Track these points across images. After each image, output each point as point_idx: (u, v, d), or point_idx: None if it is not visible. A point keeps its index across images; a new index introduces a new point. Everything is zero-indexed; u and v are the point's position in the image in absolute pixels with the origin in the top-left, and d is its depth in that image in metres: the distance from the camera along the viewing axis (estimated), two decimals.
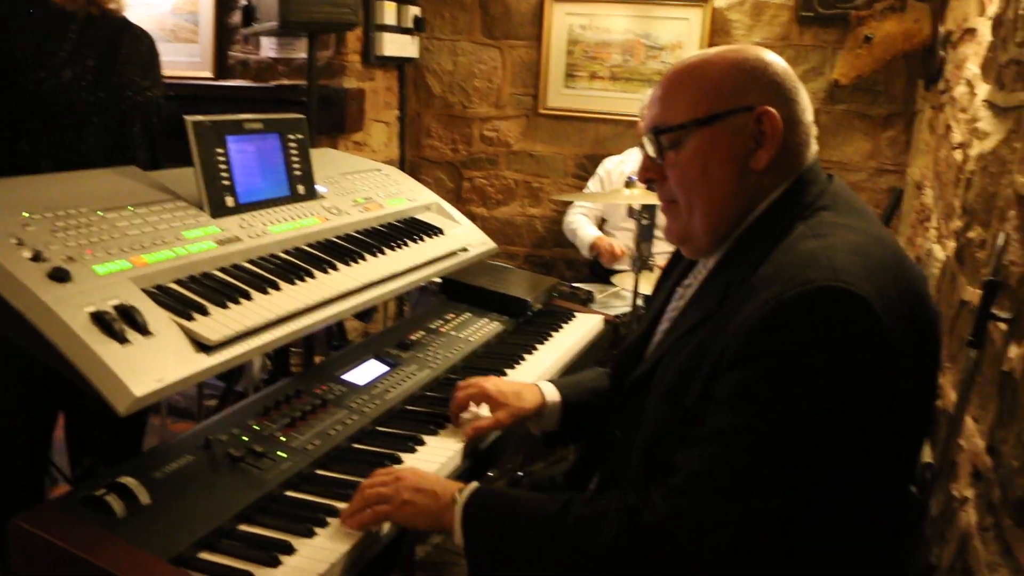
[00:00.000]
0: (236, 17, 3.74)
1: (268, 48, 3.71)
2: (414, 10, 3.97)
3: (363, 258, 1.79)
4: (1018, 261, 1.59)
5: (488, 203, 4.30)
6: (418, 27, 4.01)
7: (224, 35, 3.77)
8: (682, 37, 3.87)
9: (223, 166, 1.67)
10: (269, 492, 1.29)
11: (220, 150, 1.66)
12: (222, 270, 1.51)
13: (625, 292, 3.32)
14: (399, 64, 4.12)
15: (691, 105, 1.26)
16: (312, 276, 1.62)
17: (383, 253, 1.88)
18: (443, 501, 1.26)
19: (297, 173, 1.88)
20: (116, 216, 1.45)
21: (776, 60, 1.28)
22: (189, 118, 1.61)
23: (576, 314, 2.43)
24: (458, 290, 2.32)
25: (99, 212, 1.43)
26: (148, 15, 3.82)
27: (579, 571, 1.15)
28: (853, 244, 1.16)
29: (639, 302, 2.89)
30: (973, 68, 2.31)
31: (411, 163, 4.27)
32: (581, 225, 3.85)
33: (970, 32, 2.53)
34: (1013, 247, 1.60)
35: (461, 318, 2.16)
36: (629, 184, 2.77)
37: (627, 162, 3.79)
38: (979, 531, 1.54)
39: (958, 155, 2.32)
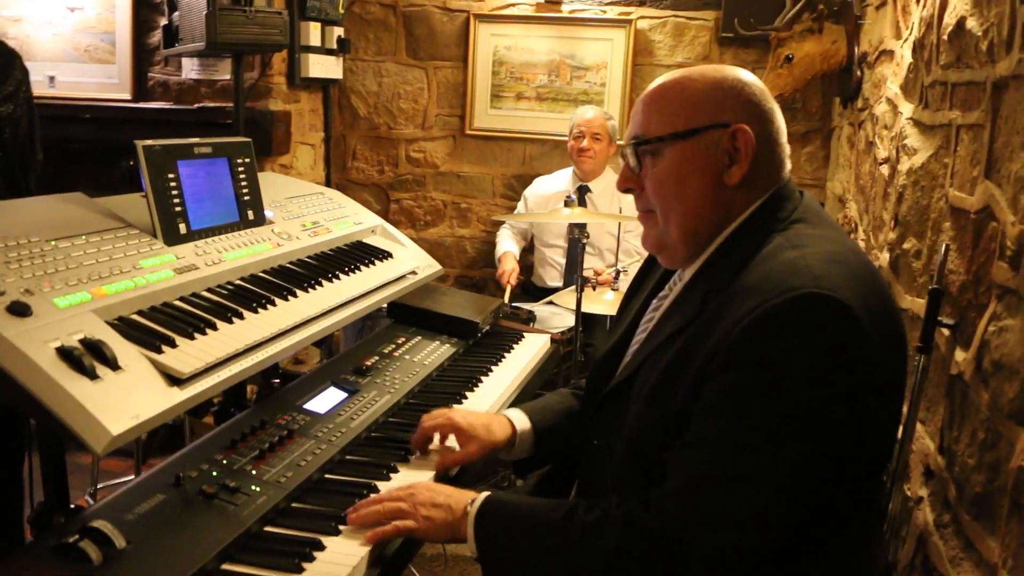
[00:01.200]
0: (155, 37, 3.64)
1: (190, 69, 3.62)
2: (338, 31, 3.93)
3: (320, 284, 1.76)
4: (956, 270, 1.68)
5: (416, 224, 4.28)
6: (342, 48, 3.98)
7: (142, 56, 3.66)
8: (606, 57, 3.95)
9: (175, 192, 1.61)
10: (248, 529, 1.25)
11: (171, 175, 1.61)
12: (183, 299, 1.46)
13: (559, 310, 3.35)
14: (324, 85, 4.07)
15: (670, 119, 1.31)
16: (273, 304, 1.58)
17: (338, 279, 1.85)
18: (457, 513, 1.29)
19: (246, 198, 1.83)
20: (69, 246, 1.38)
21: (754, 81, 1.33)
22: (140, 143, 1.55)
23: (524, 334, 2.44)
24: (405, 313, 2.29)
25: (52, 241, 1.36)
26: (55, 33, 3.68)
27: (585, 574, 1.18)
28: (830, 254, 1.21)
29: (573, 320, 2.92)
30: (893, 88, 2.44)
31: (337, 185, 4.21)
32: (501, 239, 3.89)
33: (887, 54, 2.66)
34: (952, 257, 1.69)
35: (412, 342, 2.14)
36: (568, 203, 2.80)
37: (554, 182, 3.83)
38: (937, 528, 1.61)
39: (885, 169, 2.44)
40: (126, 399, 1.14)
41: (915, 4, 2.30)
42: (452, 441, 1.59)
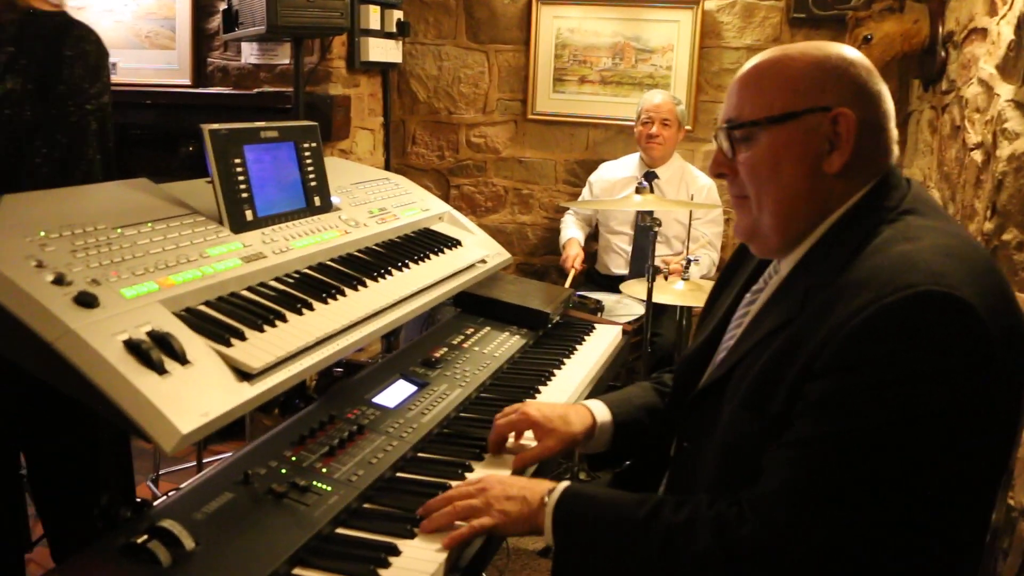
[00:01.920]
0: (215, 22, 3.61)
1: (249, 54, 3.59)
2: (397, 14, 3.87)
3: (390, 273, 1.70)
4: None
5: (477, 211, 4.21)
6: (402, 31, 3.91)
7: (202, 41, 3.64)
8: (672, 40, 3.81)
9: (241, 178, 1.56)
10: (319, 531, 1.19)
11: (238, 160, 1.55)
12: (250, 289, 1.40)
13: (627, 300, 3.26)
14: (383, 70, 4.01)
15: (767, 102, 1.21)
16: (343, 294, 1.52)
17: (407, 267, 1.78)
18: (533, 505, 1.23)
19: (312, 184, 1.77)
20: (136, 233, 1.33)
21: (861, 60, 1.22)
22: (206, 127, 1.49)
23: (595, 326, 2.35)
24: (473, 303, 2.22)
25: (118, 229, 1.31)
26: (117, 20, 3.68)
27: None
28: (946, 247, 1.10)
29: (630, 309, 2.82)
30: (988, 68, 2.28)
31: (396, 171, 4.15)
32: (565, 225, 3.81)
33: (978, 32, 2.50)
34: None
35: (481, 332, 2.07)
36: (640, 190, 2.70)
37: (621, 168, 3.73)
38: None
39: (977, 155, 2.28)
40: (195, 395, 1.09)
41: None
42: (529, 436, 1.51)
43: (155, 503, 1.20)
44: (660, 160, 3.58)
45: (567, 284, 3.39)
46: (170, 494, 1.24)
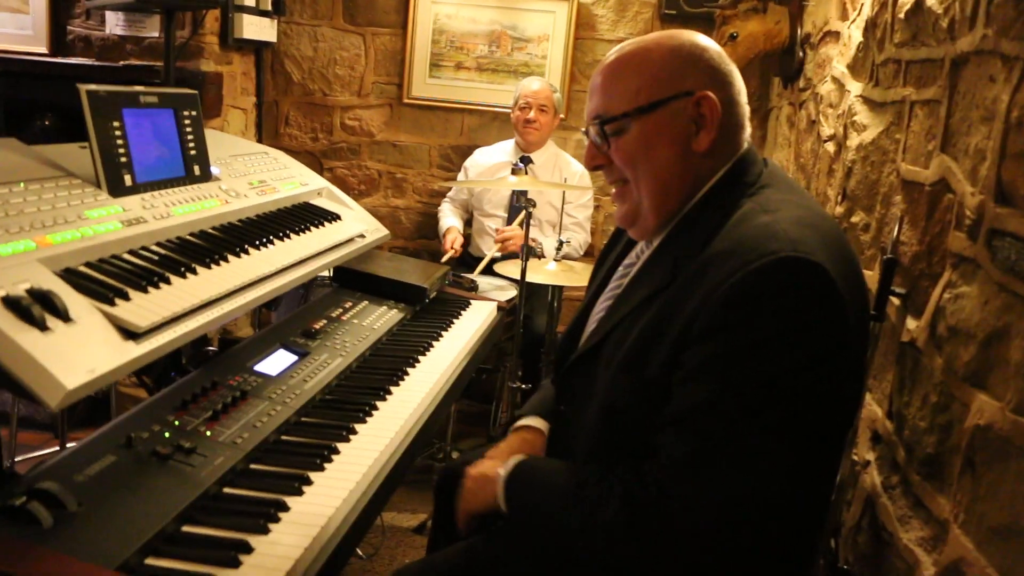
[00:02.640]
0: None
1: (114, 24, 3.43)
2: None
3: (271, 243, 1.70)
4: (908, 241, 1.72)
5: (351, 194, 4.13)
6: (277, 10, 3.84)
7: (61, 7, 3.45)
8: (548, 30, 3.91)
9: (120, 142, 1.52)
10: (207, 490, 1.19)
11: (116, 124, 1.52)
12: (132, 253, 1.38)
13: (500, 280, 3.33)
14: (256, 48, 3.93)
15: (632, 94, 1.28)
16: (226, 260, 1.51)
17: (288, 238, 1.78)
18: (491, 476, 1.35)
19: (192, 152, 1.75)
20: (7, 192, 1.29)
21: (711, 45, 1.32)
22: (83, 87, 1.45)
23: (471, 302, 2.41)
24: (350, 277, 2.24)
25: None
26: None
27: (588, 543, 1.18)
28: (802, 218, 1.21)
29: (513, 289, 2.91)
30: (840, 67, 2.48)
31: None
32: (443, 214, 3.84)
33: (832, 35, 2.71)
34: (903, 229, 1.73)
35: (359, 306, 2.09)
36: (516, 171, 2.77)
37: (495, 153, 3.80)
38: (885, 490, 1.65)
39: (830, 147, 2.48)
40: (80, 353, 1.07)
41: None
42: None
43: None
44: (535, 145, 3.67)
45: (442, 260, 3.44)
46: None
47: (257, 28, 3.75)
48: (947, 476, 1.40)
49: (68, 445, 2.85)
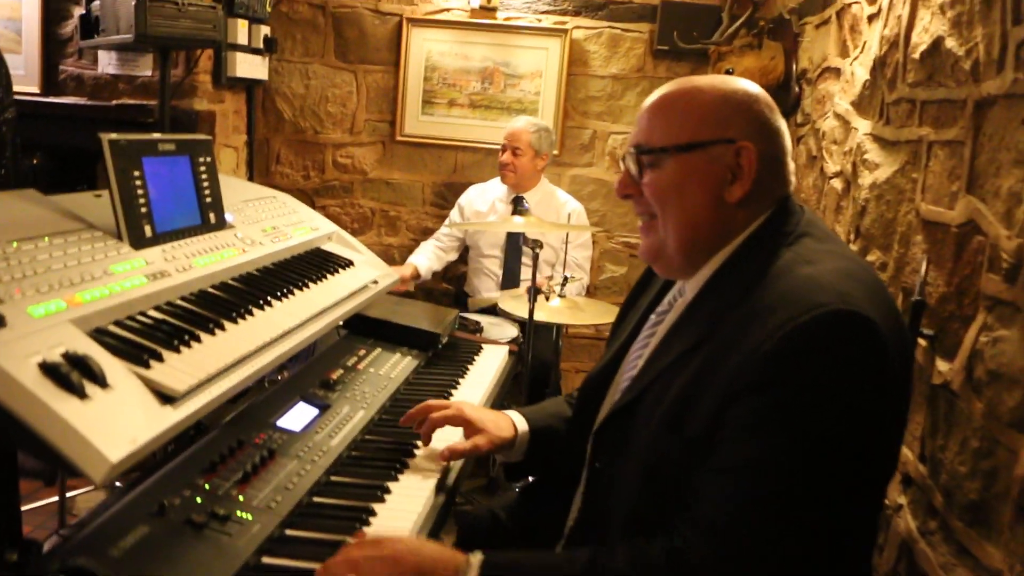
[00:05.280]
0: (67, 27, 3.40)
1: (107, 63, 3.39)
2: (264, 29, 3.77)
3: (292, 293, 1.66)
4: (933, 282, 1.71)
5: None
6: (268, 48, 3.82)
7: (53, 47, 3.41)
8: (540, 66, 3.92)
9: (140, 192, 1.48)
10: (247, 562, 1.14)
11: (137, 173, 1.47)
12: (158, 309, 1.33)
13: (502, 321, 3.30)
14: (247, 86, 3.90)
15: (675, 130, 1.26)
16: (251, 314, 1.47)
17: (307, 287, 1.74)
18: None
19: (208, 200, 1.71)
20: (33, 248, 1.24)
21: (764, 96, 1.30)
22: (105, 136, 1.41)
23: (482, 346, 2.38)
24: (361, 324, 2.19)
25: (14, 243, 1.22)
26: None
27: None
28: (844, 269, 1.19)
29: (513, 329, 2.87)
30: (844, 104, 2.50)
31: None
32: (418, 250, 3.81)
33: (831, 71, 2.73)
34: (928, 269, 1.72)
35: (373, 354, 2.05)
36: (521, 212, 2.75)
37: (489, 191, 3.78)
38: (922, 535, 1.63)
39: (837, 183, 2.49)
40: (120, 421, 1.02)
41: (867, 24, 2.36)
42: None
43: (45, 543, 1.11)
44: (518, 187, 3.64)
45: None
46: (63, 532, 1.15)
47: (249, 66, 3.72)
48: (995, 523, 1.38)
49: (68, 494, 2.78)
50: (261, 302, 1.52)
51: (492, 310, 3.30)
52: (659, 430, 1.21)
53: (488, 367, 2.19)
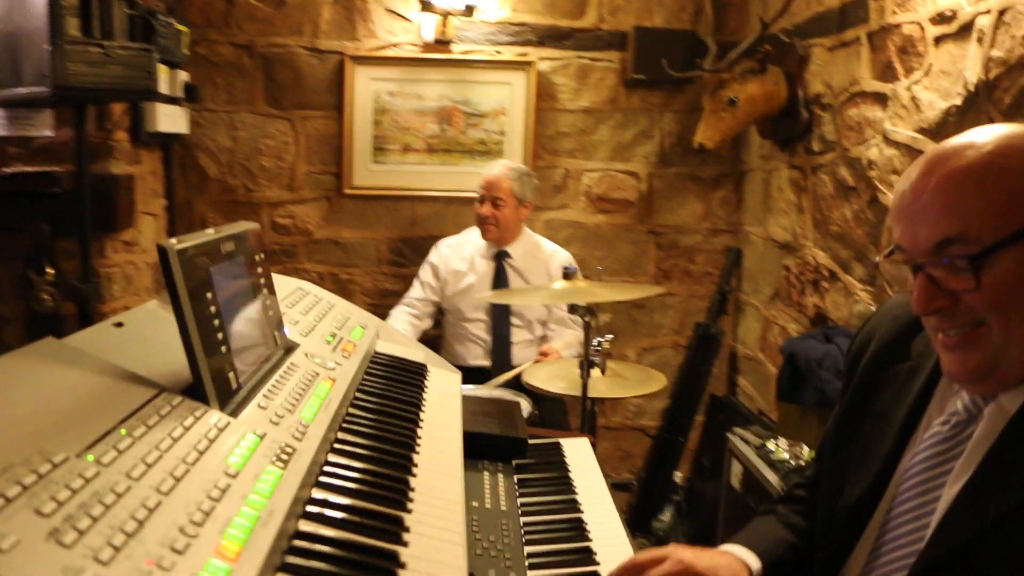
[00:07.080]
0: None
1: None
2: (183, 75, 3.19)
3: (416, 435, 1.18)
4: None
5: None
6: (190, 96, 3.22)
7: None
8: (504, 103, 3.52)
9: (216, 322, 0.97)
10: None
11: (209, 296, 0.97)
12: (309, 517, 0.84)
13: (501, 391, 2.85)
14: (163, 143, 3.29)
15: (998, 216, 0.95)
16: (411, 488, 0.99)
17: (422, 423, 1.27)
18: None
19: (270, 313, 1.21)
20: (114, 455, 0.72)
21: None
22: (172, 246, 0.91)
23: (559, 441, 1.93)
24: None
25: (88, 456, 0.70)
26: None
27: None
28: None
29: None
30: (903, 131, 2.24)
31: None
32: (394, 320, 3.26)
33: (866, 95, 2.47)
34: None
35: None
36: (569, 275, 2.32)
37: (464, 246, 3.32)
38: None
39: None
40: None
41: (933, 45, 2.11)
42: None
43: None
44: (502, 241, 3.21)
45: None
46: None
47: (170, 119, 3.13)
48: None
49: None
50: (405, 462, 1.04)
51: (509, 382, 2.85)
52: None
53: (584, 468, 1.73)
